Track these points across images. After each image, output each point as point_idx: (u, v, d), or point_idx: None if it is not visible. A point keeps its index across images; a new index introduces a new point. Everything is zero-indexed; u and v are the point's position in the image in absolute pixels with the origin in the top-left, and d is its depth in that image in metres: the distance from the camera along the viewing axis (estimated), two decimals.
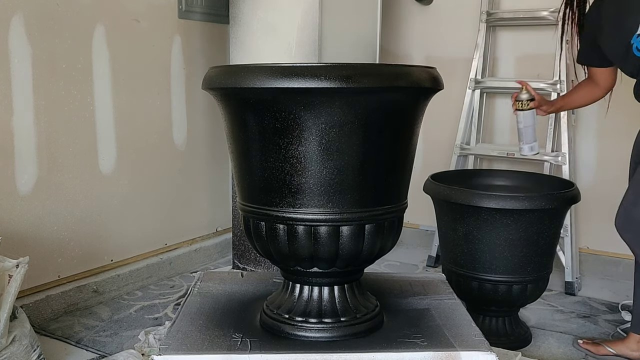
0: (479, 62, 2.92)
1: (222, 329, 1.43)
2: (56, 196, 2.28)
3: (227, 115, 1.39)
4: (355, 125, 1.27)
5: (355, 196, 1.33)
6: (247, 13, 2.51)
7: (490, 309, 2.10)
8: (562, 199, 1.96)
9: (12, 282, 1.67)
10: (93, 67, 2.37)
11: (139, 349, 1.96)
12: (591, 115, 2.82)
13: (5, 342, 1.66)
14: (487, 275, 2.01)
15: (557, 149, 2.75)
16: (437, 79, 1.36)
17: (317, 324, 1.40)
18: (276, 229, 1.36)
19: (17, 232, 2.14)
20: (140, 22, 2.54)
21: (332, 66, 1.22)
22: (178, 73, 2.75)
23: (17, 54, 2.10)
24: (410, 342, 1.37)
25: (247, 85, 1.24)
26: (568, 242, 2.65)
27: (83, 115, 2.35)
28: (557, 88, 2.69)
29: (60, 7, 2.22)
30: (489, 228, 1.96)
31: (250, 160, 1.36)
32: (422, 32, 3.22)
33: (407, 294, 1.69)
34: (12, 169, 2.13)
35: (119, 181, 2.52)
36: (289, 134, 1.27)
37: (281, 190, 1.32)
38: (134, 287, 2.58)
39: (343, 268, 1.41)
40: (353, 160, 1.30)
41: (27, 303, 2.15)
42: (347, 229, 1.34)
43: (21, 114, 2.13)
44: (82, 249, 2.40)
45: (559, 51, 2.67)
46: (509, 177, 2.35)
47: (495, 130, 3.09)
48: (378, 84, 1.25)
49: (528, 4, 2.85)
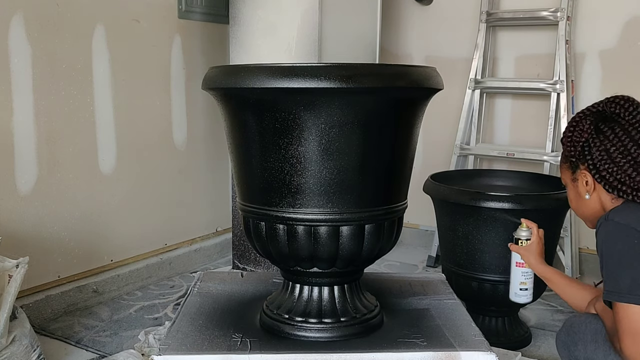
0: (478, 62, 2.92)
1: (221, 329, 1.43)
2: (56, 196, 2.28)
3: (227, 115, 1.39)
4: (355, 125, 1.27)
5: (355, 196, 1.33)
6: (247, 13, 2.51)
7: (490, 309, 2.10)
8: (562, 199, 1.96)
9: (12, 282, 1.67)
10: (93, 67, 2.37)
11: (138, 349, 1.96)
12: None
13: (5, 342, 1.66)
14: (487, 275, 2.01)
15: (557, 149, 2.75)
16: (437, 79, 1.37)
17: (317, 324, 1.40)
18: (276, 229, 1.36)
19: (17, 232, 2.14)
20: (140, 22, 2.54)
21: (332, 66, 1.22)
22: (178, 73, 2.75)
23: (17, 54, 2.10)
24: (410, 342, 1.37)
25: (247, 85, 1.24)
26: (568, 242, 2.65)
27: (83, 115, 2.35)
28: (556, 88, 2.70)
29: (60, 7, 2.22)
30: (489, 228, 1.96)
31: (250, 161, 1.36)
32: (422, 32, 3.22)
33: (407, 294, 1.69)
34: (12, 169, 2.13)
35: (119, 181, 2.52)
36: (289, 134, 1.27)
37: (281, 190, 1.32)
38: (133, 287, 2.58)
39: (343, 268, 1.41)
40: (353, 160, 1.30)
41: (27, 303, 2.15)
42: (347, 229, 1.34)
43: (21, 114, 2.13)
44: (82, 249, 2.40)
45: (559, 51, 2.67)
46: (509, 177, 2.35)
47: (495, 130, 3.09)
48: (378, 84, 1.25)
49: (528, 4, 2.85)
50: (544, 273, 1.74)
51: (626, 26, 2.68)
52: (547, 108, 2.78)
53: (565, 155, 1.57)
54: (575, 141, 1.52)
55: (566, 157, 1.57)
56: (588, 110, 1.53)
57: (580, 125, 1.52)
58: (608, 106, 1.49)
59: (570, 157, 1.54)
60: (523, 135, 3.00)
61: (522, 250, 1.78)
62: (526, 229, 1.79)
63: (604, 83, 2.75)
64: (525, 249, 1.78)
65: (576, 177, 1.55)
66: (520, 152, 2.83)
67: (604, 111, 1.49)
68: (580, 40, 2.79)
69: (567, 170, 1.59)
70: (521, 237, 1.78)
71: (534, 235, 1.79)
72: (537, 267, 1.75)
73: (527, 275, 1.81)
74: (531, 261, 1.77)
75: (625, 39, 2.68)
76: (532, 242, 1.77)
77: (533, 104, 2.96)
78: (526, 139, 2.97)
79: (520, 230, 1.79)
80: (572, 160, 1.54)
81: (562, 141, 1.58)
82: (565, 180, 1.62)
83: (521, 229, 1.79)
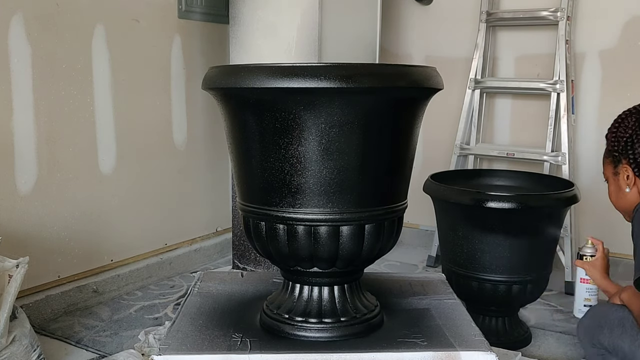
0: (478, 62, 2.92)
1: (222, 329, 1.43)
2: (56, 196, 2.28)
3: (227, 115, 1.39)
4: (355, 125, 1.27)
5: (355, 196, 1.33)
6: (247, 13, 2.51)
7: (490, 309, 2.10)
8: (562, 199, 1.96)
9: (12, 282, 1.67)
10: (93, 67, 2.37)
11: (139, 349, 1.96)
12: (591, 115, 2.82)
13: (5, 342, 1.66)
14: (487, 275, 2.01)
15: (557, 149, 2.75)
16: (437, 79, 1.36)
17: (317, 324, 1.40)
18: (276, 229, 1.36)
19: (17, 232, 2.14)
20: (140, 22, 2.54)
21: (332, 66, 1.22)
22: (178, 73, 2.75)
23: (17, 54, 2.10)
24: (410, 342, 1.37)
25: (247, 85, 1.24)
26: (568, 242, 2.65)
27: (83, 115, 2.35)
28: (556, 88, 2.70)
29: (60, 7, 2.22)
30: (489, 228, 1.96)
31: (250, 160, 1.36)
32: (422, 32, 3.22)
33: (407, 294, 1.69)
34: (12, 169, 2.13)
35: (119, 181, 2.52)
36: (289, 134, 1.27)
37: (281, 190, 1.32)
38: (134, 287, 2.58)
39: (343, 268, 1.41)
40: (353, 160, 1.30)
41: (27, 303, 2.15)
42: (347, 229, 1.34)
43: (21, 114, 2.13)
44: (82, 249, 2.40)
45: (559, 51, 2.67)
46: (509, 177, 2.35)
47: (495, 130, 3.09)
48: (378, 84, 1.25)
49: (528, 4, 2.85)
50: (608, 288, 1.81)
51: (626, 26, 2.68)
52: (547, 108, 2.79)
53: (608, 150, 1.67)
54: (620, 136, 1.62)
55: (609, 152, 1.66)
56: (634, 108, 1.63)
57: (626, 122, 1.62)
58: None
59: (614, 152, 1.63)
60: (523, 135, 3.00)
61: (586, 266, 1.85)
62: (591, 246, 1.87)
63: (604, 83, 2.76)
64: (590, 264, 1.85)
65: (618, 171, 1.64)
66: (520, 152, 2.84)
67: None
68: (580, 40, 2.79)
69: (609, 165, 1.67)
70: (586, 254, 1.85)
71: (599, 251, 1.85)
72: (602, 282, 1.83)
73: (592, 292, 1.88)
74: (596, 276, 1.84)
75: (625, 39, 2.68)
76: (597, 258, 1.85)
77: (533, 104, 2.96)
78: (526, 139, 2.97)
79: (585, 247, 1.86)
80: (615, 155, 1.65)
81: (606, 137, 1.69)
82: (606, 174, 1.71)
83: (586, 246, 1.87)
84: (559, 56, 2.70)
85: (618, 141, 1.62)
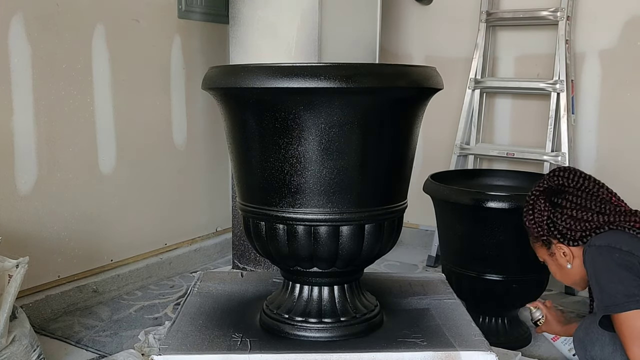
0: (478, 62, 2.92)
1: (221, 329, 1.43)
2: (56, 196, 2.28)
3: (227, 115, 1.39)
4: (355, 125, 1.27)
5: (355, 196, 1.33)
6: (247, 13, 2.51)
7: (490, 309, 2.10)
8: None
9: (12, 282, 1.67)
10: (93, 67, 2.37)
11: (138, 349, 1.96)
12: (591, 115, 2.82)
13: (5, 342, 1.66)
14: (487, 275, 2.01)
15: (557, 149, 2.75)
16: (437, 79, 1.37)
17: (316, 323, 1.41)
18: (276, 229, 1.36)
19: (17, 232, 2.14)
20: (140, 22, 2.54)
21: (332, 66, 1.22)
22: (178, 73, 2.75)
23: (17, 54, 2.10)
24: (410, 342, 1.37)
25: (247, 85, 1.24)
26: None
27: (83, 115, 2.35)
28: (556, 88, 2.70)
29: (60, 7, 2.22)
30: (489, 228, 1.96)
31: (250, 160, 1.36)
32: (422, 32, 3.22)
33: (407, 293, 1.69)
34: (12, 169, 2.13)
35: (119, 181, 2.52)
36: (289, 134, 1.27)
37: (281, 190, 1.32)
38: (133, 287, 2.58)
39: (343, 268, 1.41)
40: (353, 160, 1.30)
41: (27, 303, 2.15)
42: (347, 229, 1.34)
43: (21, 114, 2.13)
44: (82, 249, 2.40)
45: (558, 51, 2.67)
46: (509, 177, 2.35)
47: (495, 130, 3.09)
48: (378, 84, 1.25)
49: (528, 4, 2.85)
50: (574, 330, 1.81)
51: (626, 26, 2.68)
52: (547, 108, 2.78)
53: (534, 236, 1.70)
54: (539, 222, 1.65)
55: (537, 238, 1.69)
56: (536, 190, 1.66)
57: (537, 206, 1.65)
58: (552, 181, 1.63)
59: (541, 237, 1.66)
60: (523, 135, 3.00)
61: (544, 328, 1.88)
62: (535, 309, 1.88)
63: (604, 83, 2.75)
64: (546, 327, 1.88)
65: (552, 251, 1.67)
66: (520, 152, 2.84)
67: (551, 186, 1.63)
68: (580, 40, 2.79)
69: (541, 248, 1.71)
70: (538, 319, 1.87)
71: (544, 310, 1.89)
72: (566, 330, 1.85)
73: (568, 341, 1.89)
74: (558, 330, 1.87)
75: (625, 39, 2.68)
76: (546, 316, 1.87)
77: (533, 104, 2.96)
78: (526, 139, 2.97)
79: (532, 314, 1.88)
80: (543, 239, 1.66)
81: (525, 225, 1.71)
82: (542, 257, 1.74)
83: (533, 313, 1.89)
84: (558, 56, 2.69)
85: (540, 226, 1.64)
